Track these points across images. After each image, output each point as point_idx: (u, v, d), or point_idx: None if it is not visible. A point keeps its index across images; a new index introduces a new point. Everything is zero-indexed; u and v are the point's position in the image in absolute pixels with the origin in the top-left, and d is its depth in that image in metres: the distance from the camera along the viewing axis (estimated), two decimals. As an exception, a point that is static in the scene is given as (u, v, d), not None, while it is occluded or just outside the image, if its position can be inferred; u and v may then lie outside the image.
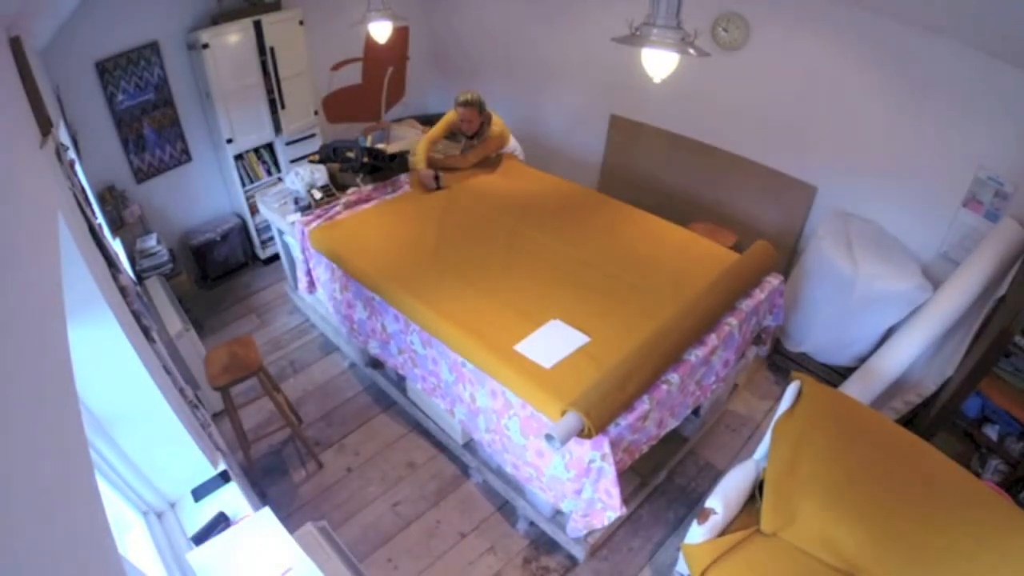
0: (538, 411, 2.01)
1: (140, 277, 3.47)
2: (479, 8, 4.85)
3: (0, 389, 0.65)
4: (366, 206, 3.21)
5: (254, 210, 4.22)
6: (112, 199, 3.61)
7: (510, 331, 2.27)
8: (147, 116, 3.68)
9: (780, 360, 3.45)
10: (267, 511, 1.67)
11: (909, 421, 2.84)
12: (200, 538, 1.69)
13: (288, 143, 4.30)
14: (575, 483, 2.03)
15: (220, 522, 1.76)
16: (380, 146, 3.80)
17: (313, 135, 4.44)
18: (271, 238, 4.31)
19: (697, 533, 2.04)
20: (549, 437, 1.83)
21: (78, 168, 2.28)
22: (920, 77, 2.78)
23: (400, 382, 3.06)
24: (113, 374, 1.55)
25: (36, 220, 1.08)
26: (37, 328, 0.88)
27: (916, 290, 2.79)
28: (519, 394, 2.08)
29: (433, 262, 2.71)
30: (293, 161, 4.31)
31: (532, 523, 2.58)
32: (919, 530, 1.86)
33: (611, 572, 2.46)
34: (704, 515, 2.04)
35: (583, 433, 1.85)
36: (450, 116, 3.36)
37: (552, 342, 2.24)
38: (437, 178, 3.35)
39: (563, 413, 1.88)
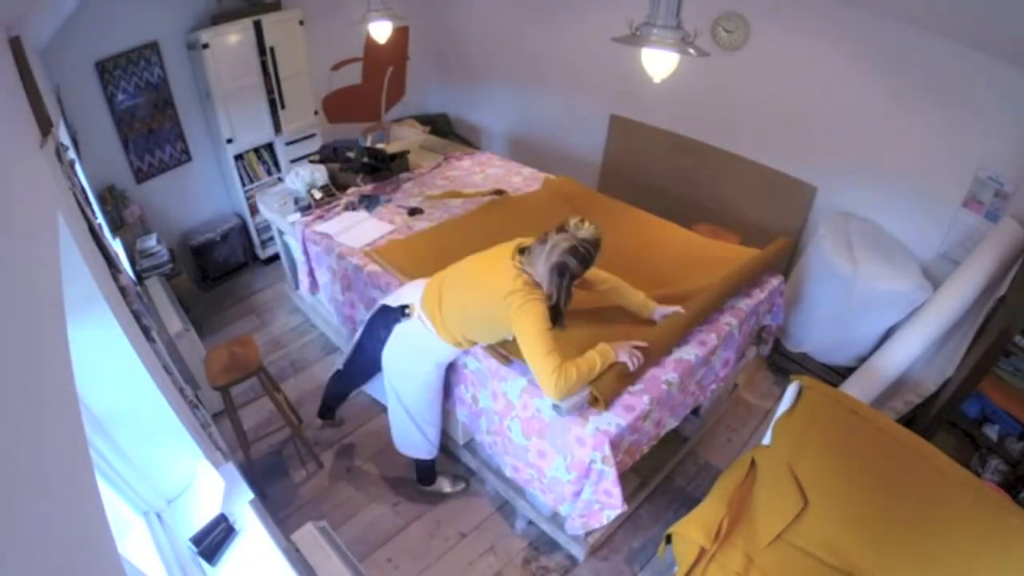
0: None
1: (140, 277, 3.47)
2: (479, 8, 4.85)
3: (0, 389, 0.65)
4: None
5: (254, 210, 4.22)
6: (112, 199, 3.61)
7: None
8: (147, 116, 3.68)
9: (780, 360, 3.45)
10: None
11: (909, 421, 2.84)
12: (200, 539, 1.69)
13: (288, 143, 4.30)
14: (575, 485, 2.03)
15: (220, 523, 1.76)
16: (380, 146, 3.81)
17: (313, 135, 4.44)
18: (271, 238, 4.31)
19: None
20: (556, 406, 1.82)
21: (78, 168, 2.28)
22: (920, 77, 2.78)
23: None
24: (113, 374, 1.55)
25: (36, 220, 1.08)
26: (37, 328, 0.88)
27: (916, 290, 2.79)
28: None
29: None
30: (293, 161, 4.31)
31: (532, 523, 2.59)
32: (920, 530, 1.86)
33: (611, 572, 2.46)
34: None
35: (591, 401, 1.87)
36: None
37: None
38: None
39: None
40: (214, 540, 1.71)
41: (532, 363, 1.86)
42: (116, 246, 3.02)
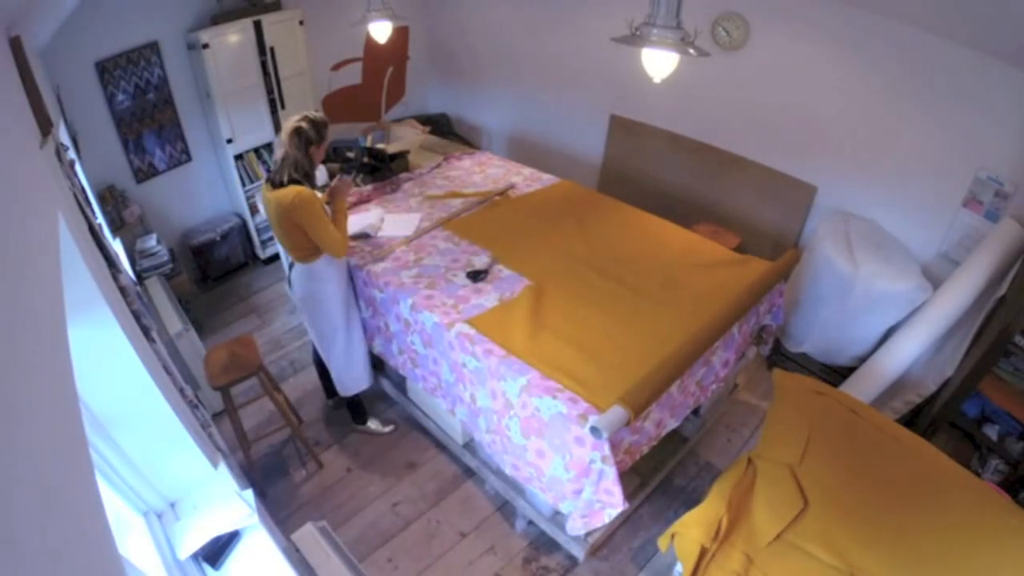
0: (585, 401, 1.99)
1: (140, 277, 3.47)
2: (479, 8, 4.85)
3: (0, 389, 0.65)
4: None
5: (254, 210, 4.22)
6: (112, 199, 3.61)
7: (524, 332, 2.27)
8: (147, 116, 3.68)
9: (780, 360, 3.44)
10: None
11: (909, 421, 2.84)
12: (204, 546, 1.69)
13: (288, 143, 4.30)
14: (575, 483, 2.03)
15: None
16: (380, 146, 3.81)
17: (313, 135, 4.44)
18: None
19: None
20: (595, 429, 1.81)
21: (78, 168, 2.28)
22: (920, 77, 2.78)
23: (400, 382, 3.06)
24: (113, 374, 1.55)
25: (36, 220, 1.08)
26: (37, 328, 0.88)
27: (916, 290, 2.79)
28: (564, 384, 2.06)
29: None
30: (293, 161, 4.31)
31: (532, 523, 2.58)
32: (919, 530, 1.86)
33: (611, 572, 2.46)
34: None
35: (628, 422, 1.87)
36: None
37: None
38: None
39: (609, 406, 1.87)
40: (217, 545, 1.71)
41: (322, 240, 2.30)
42: (116, 246, 3.02)
